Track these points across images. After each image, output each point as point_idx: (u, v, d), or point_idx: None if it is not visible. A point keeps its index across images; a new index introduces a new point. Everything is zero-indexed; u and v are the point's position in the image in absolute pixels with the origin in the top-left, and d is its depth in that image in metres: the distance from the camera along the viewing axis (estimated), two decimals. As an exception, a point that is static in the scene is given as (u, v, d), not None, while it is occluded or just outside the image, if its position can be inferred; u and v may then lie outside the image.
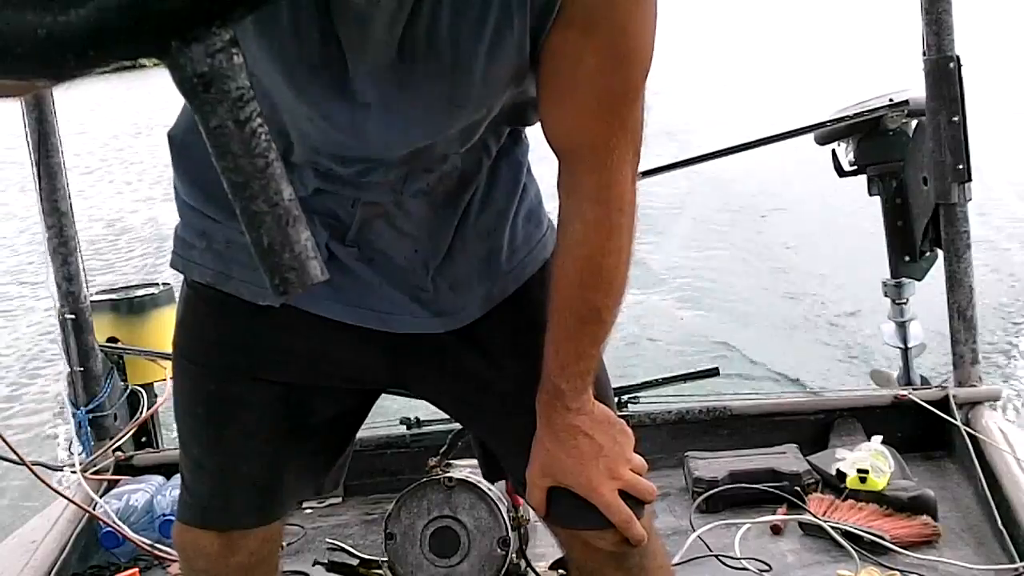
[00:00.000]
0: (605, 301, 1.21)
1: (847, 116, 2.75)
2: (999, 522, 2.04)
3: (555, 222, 1.25)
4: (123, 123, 19.17)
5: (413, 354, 1.33)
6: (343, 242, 1.25)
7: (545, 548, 2.06)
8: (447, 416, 1.59)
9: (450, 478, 1.87)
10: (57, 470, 2.83)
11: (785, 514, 2.20)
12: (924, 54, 2.44)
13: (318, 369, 1.34)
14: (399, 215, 1.23)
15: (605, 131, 1.12)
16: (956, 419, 2.37)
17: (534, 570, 1.97)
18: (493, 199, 1.28)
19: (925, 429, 2.45)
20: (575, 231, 1.18)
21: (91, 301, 2.72)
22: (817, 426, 2.54)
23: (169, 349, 2.88)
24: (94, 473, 2.52)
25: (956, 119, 2.42)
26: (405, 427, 2.61)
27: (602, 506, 1.24)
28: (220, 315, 1.33)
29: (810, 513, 2.15)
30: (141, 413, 2.80)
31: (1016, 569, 1.91)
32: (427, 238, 1.26)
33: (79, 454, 2.62)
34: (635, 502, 1.27)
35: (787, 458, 2.35)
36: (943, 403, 2.44)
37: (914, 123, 2.67)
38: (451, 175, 1.22)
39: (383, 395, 1.46)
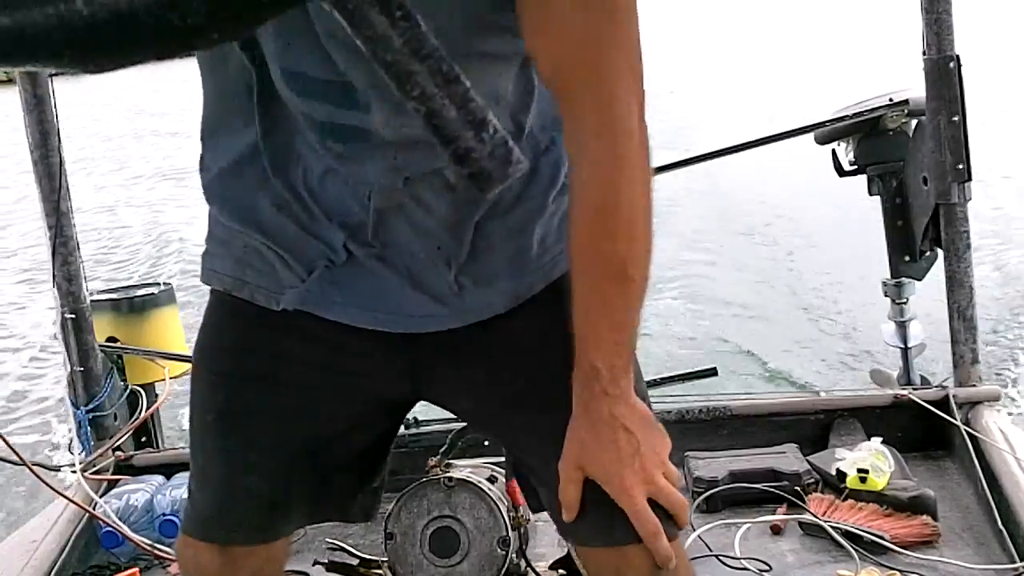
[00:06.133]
0: (628, 251, 1.10)
1: (847, 116, 2.75)
2: (999, 522, 2.04)
3: None
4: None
5: (433, 356, 1.28)
6: (362, 243, 1.21)
7: (545, 548, 2.06)
8: (447, 416, 1.57)
9: (450, 478, 1.87)
10: (57, 470, 2.84)
11: (785, 514, 2.20)
12: (924, 54, 2.44)
13: (332, 377, 1.30)
14: (418, 211, 1.19)
15: (596, 52, 1.05)
16: (956, 419, 2.37)
17: (534, 570, 1.97)
18: (528, 196, 1.23)
19: (925, 429, 2.45)
20: (582, 174, 1.11)
21: (91, 301, 2.72)
22: (817, 426, 2.54)
23: (169, 349, 2.92)
24: (94, 473, 2.52)
25: (956, 119, 2.42)
26: (404, 427, 2.61)
27: (631, 512, 1.13)
28: (235, 322, 1.32)
29: (810, 513, 2.15)
30: (141, 413, 2.80)
31: (1016, 569, 1.91)
32: (450, 235, 1.21)
33: (79, 454, 2.62)
34: (665, 516, 1.16)
35: (787, 458, 2.35)
36: (943, 403, 2.44)
37: (914, 123, 2.67)
38: None
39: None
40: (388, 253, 1.22)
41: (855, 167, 2.83)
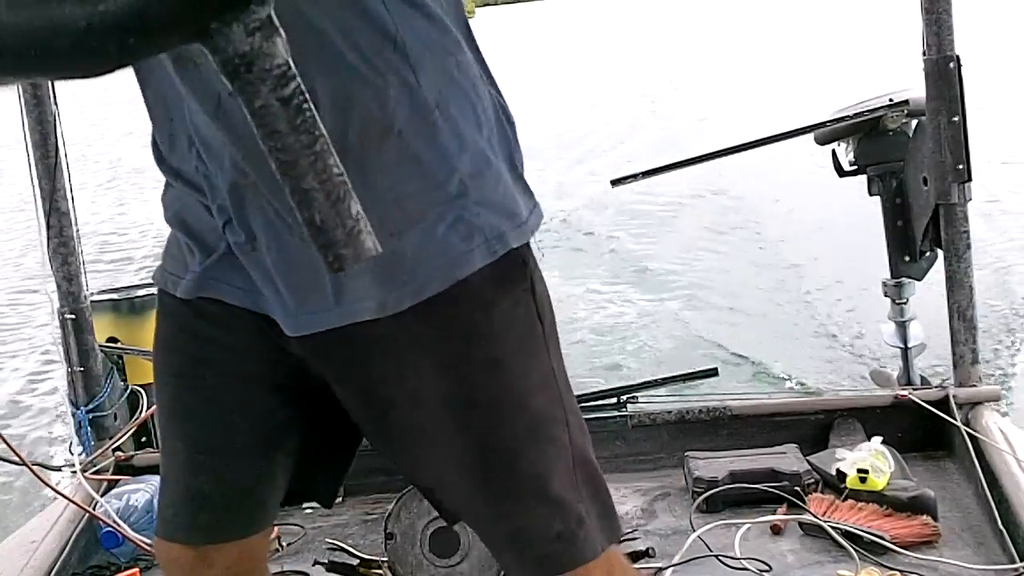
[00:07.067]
0: None
1: (847, 116, 2.75)
2: (999, 522, 2.04)
3: (501, 234, 1.13)
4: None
5: (321, 356, 1.20)
6: (232, 229, 1.14)
7: (545, 548, 2.06)
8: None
9: (450, 478, 1.87)
10: (57, 470, 2.84)
11: (785, 514, 2.20)
12: (924, 54, 2.44)
13: (256, 366, 1.25)
14: (266, 190, 1.09)
15: None
16: (956, 419, 2.38)
17: (534, 570, 1.96)
18: (406, 195, 1.10)
19: (925, 429, 2.45)
20: None
21: (91, 301, 2.72)
22: (817, 426, 2.54)
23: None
24: (94, 473, 2.52)
25: (956, 119, 2.42)
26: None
27: None
28: (167, 320, 1.30)
29: (810, 513, 2.15)
30: (141, 413, 2.79)
31: (1016, 569, 1.92)
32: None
33: (79, 454, 2.62)
34: None
35: (787, 458, 2.35)
36: (943, 403, 2.44)
37: (914, 123, 2.67)
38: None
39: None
40: (258, 239, 1.13)
41: (855, 167, 2.83)
